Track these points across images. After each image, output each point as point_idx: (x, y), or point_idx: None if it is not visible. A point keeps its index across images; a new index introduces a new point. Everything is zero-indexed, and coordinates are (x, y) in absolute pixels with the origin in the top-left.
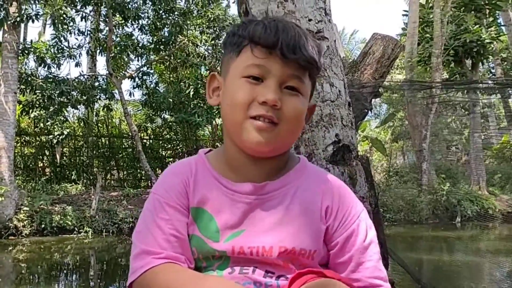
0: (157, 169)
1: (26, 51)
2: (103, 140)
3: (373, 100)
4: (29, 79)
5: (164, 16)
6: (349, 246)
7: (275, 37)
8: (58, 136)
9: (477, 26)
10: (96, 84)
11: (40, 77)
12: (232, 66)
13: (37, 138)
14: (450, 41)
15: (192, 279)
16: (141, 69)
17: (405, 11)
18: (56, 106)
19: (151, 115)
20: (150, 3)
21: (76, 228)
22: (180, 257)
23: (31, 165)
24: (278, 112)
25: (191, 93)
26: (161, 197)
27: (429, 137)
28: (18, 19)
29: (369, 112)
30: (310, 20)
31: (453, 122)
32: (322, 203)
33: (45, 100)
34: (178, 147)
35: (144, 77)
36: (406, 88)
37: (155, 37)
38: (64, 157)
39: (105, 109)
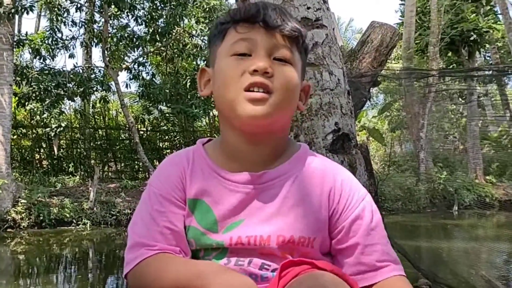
0: (155, 160)
1: (21, 43)
2: (100, 132)
3: (371, 89)
4: (25, 71)
5: (160, 7)
6: (355, 230)
7: (256, 9)
8: (55, 129)
9: (474, 14)
10: (92, 76)
11: (35, 69)
12: (218, 51)
13: (34, 131)
14: (447, 30)
15: (183, 264)
16: (137, 60)
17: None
18: (52, 98)
19: (148, 106)
20: None
21: (74, 220)
22: (174, 249)
23: (28, 158)
24: (271, 80)
25: (188, 84)
26: (157, 189)
27: (426, 126)
28: (12, 10)
29: (368, 101)
30: (308, 8)
31: (450, 112)
32: (324, 189)
33: (41, 92)
34: (175, 139)
35: (141, 69)
36: (404, 77)
37: (151, 28)
38: (61, 149)
39: (102, 101)
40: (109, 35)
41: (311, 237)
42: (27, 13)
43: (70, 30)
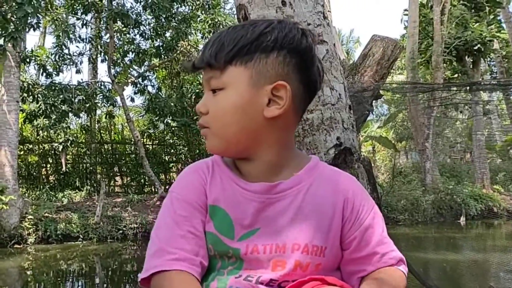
0: (161, 174)
1: (28, 59)
2: (106, 147)
3: (374, 101)
4: (31, 87)
5: (165, 23)
6: (367, 239)
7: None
8: (63, 143)
9: (478, 24)
10: (98, 91)
11: (41, 85)
12: None
13: (40, 146)
14: (451, 40)
15: None
16: (143, 74)
17: (405, 10)
18: (58, 114)
19: (154, 120)
20: (150, 10)
21: (81, 235)
22: (194, 259)
23: (34, 173)
24: (207, 117)
25: (193, 98)
26: (179, 195)
27: (432, 136)
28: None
29: (370, 114)
30: (309, 24)
31: (456, 121)
32: (336, 199)
33: (48, 109)
34: (181, 152)
35: (146, 83)
36: (407, 91)
37: (156, 42)
38: (68, 165)
39: (108, 116)
40: (115, 49)
41: (323, 246)
42: (34, 30)
43: (77, 47)
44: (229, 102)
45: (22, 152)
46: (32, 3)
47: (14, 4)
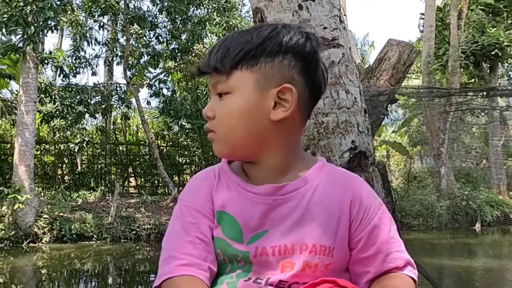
0: (174, 175)
1: (46, 61)
2: (120, 148)
3: (389, 105)
4: (48, 88)
5: (180, 26)
6: (374, 238)
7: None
8: (79, 143)
9: (495, 29)
10: (114, 93)
11: (59, 86)
12: None
13: (56, 146)
14: (468, 44)
15: None
16: (158, 77)
17: (421, 14)
18: (75, 115)
19: (168, 122)
20: (166, 13)
21: (95, 235)
22: (202, 264)
23: (50, 173)
24: (213, 121)
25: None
26: (188, 203)
27: (447, 141)
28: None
29: (386, 118)
30: (325, 28)
31: (472, 127)
32: (344, 199)
33: (65, 109)
34: (195, 154)
35: (161, 85)
36: (423, 95)
37: (172, 44)
38: (83, 165)
39: (123, 117)
40: (130, 52)
41: (331, 246)
42: (52, 32)
43: (93, 49)
44: (235, 106)
45: (38, 152)
46: (53, 7)
47: (35, 7)
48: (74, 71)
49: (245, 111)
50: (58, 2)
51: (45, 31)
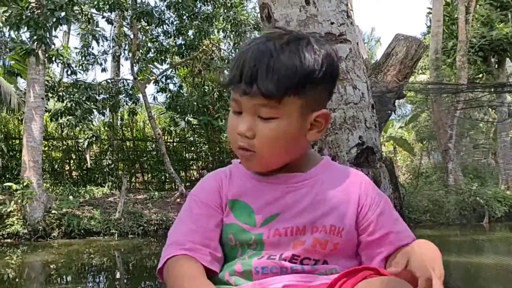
0: (181, 171)
1: (53, 58)
2: (127, 144)
3: (396, 101)
4: (56, 85)
5: (187, 22)
6: (383, 221)
7: (237, 73)
8: (88, 139)
9: (503, 23)
10: (121, 89)
11: (67, 83)
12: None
13: (64, 143)
14: (476, 39)
15: (190, 279)
16: (165, 73)
17: (429, 8)
18: (83, 111)
19: (175, 118)
20: (173, 9)
21: (102, 231)
22: (202, 249)
23: (58, 169)
24: (252, 141)
25: (215, 96)
26: (196, 196)
27: (455, 136)
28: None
29: (393, 113)
30: (332, 23)
31: (480, 122)
32: (353, 188)
33: (73, 106)
34: (201, 150)
35: (168, 81)
36: (431, 92)
37: (178, 40)
38: (90, 161)
39: (130, 113)
40: (138, 48)
41: (340, 227)
42: (61, 25)
43: (102, 46)
44: (281, 131)
45: (46, 148)
46: (64, 8)
47: (46, 10)
48: (83, 68)
49: (290, 134)
50: (67, 1)
51: (55, 31)
